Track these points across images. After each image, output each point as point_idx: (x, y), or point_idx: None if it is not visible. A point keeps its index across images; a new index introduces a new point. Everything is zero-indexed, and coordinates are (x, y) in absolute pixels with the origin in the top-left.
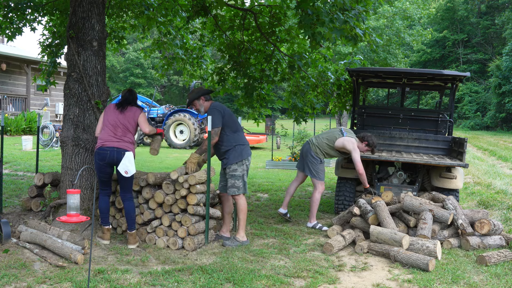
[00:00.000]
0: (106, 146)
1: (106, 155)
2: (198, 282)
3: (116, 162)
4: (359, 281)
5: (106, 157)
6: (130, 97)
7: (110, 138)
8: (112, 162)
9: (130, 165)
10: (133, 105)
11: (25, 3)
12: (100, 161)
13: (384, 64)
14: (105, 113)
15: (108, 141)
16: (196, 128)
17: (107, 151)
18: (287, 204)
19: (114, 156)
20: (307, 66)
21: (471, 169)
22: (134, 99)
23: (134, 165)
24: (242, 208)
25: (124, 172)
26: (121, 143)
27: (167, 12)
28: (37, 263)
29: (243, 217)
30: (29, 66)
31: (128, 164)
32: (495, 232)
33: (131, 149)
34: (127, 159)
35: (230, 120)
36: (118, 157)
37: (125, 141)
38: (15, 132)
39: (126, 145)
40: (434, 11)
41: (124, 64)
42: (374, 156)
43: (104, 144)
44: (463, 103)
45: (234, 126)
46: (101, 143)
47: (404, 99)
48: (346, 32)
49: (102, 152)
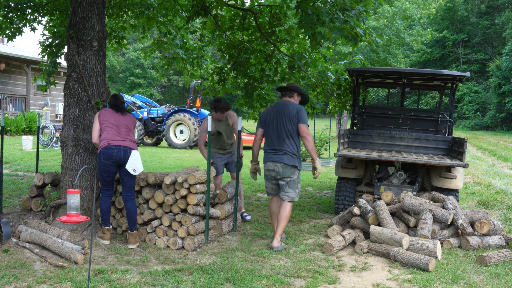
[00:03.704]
0: (113, 145)
1: (113, 154)
2: (198, 282)
3: (123, 161)
4: (359, 281)
5: (113, 156)
6: (119, 101)
7: (115, 137)
8: (119, 161)
9: (137, 163)
10: (128, 112)
11: (25, 3)
12: (106, 160)
13: (384, 64)
14: (102, 117)
15: (114, 140)
16: (196, 128)
17: (114, 150)
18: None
19: (121, 155)
20: (307, 66)
21: (471, 169)
22: (122, 103)
23: (141, 163)
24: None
25: (133, 171)
26: (126, 142)
27: (167, 12)
28: (37, 263)
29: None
30: (29, 66)
31: (135, 162)
32: (495, 232)
33: (136, 148)
34: (134, 157)
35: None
36: (125, 156)
37: (130, 140)
38: (15, 132)
39: (131, 144)
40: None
41: (124, 64)
42: (374, 156)
43: (110, 143)
44: (463, 103)
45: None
46: (107, 142)
47: (404, 99)
48: (346, 32)
49: (108, 152)
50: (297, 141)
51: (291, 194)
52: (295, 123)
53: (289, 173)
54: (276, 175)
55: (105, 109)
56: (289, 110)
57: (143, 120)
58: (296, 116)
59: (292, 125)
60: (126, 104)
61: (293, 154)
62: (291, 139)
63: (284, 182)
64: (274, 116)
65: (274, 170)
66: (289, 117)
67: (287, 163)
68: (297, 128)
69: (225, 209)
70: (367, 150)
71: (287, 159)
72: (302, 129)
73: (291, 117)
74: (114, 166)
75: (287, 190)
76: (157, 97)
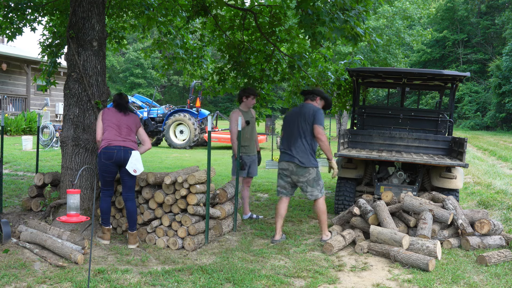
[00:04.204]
0: (113, 145)
1: (113, 154)
2: (198, 282)
3: (123, 161)
4: (359, 281)
5: (113, 156)
6: (123, 100)
7: (115, 138)
8: (120, 161)
9: (138, 164)
10: (132, 111)
11: (25, 3)
12: (107, 160)
13: (384, 64)
14: (105, 115)
15: (114, 141)
16: (196, 128)
17: (114, 150)
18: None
19: (121, 155)
20: (307, 66)
21: (471, 169)
22: (126, 102)
23: (142, 164)
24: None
25: (133, 171)
26: (127, 142)
27: (167, 12)
28: (37, 263)
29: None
30: (29, 66)
31: (136, 163)
32: (495, 232)
33: (137, 148)
34: (134, 158)
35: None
36: (125, 156)
37: (131, 141)
38: (15, 132)
39: (132, 144)
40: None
41: (124, 64)
42: (374, 156)
43: (110, 144)
44: (463, 103)
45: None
46: (107, 142)
47: (404, 99)
48: (346, 32)
49: (109, 152)
50: (311, 140)
51: (314, 192)
52: (310, 123)
53: (303, 173)
54: (290, 175)
55: (108, 108)
56: (306, 110)
57: (143, 120)
58: (312, 116)
59: (307, 125)
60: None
61: (305, 153)
62: (303, 138)
63: (302, 183)
64: (292, 117)
65: (288, 169)
66: (305, 118)
67: (299, 163)
68: (311, 129)
69: (225, 209)
70: (367, 150)
71: (299, 159)
72: (317, 129)
73: (307, 117)
74: (115, 166)
75: (309, 189)
76: (157, 97)
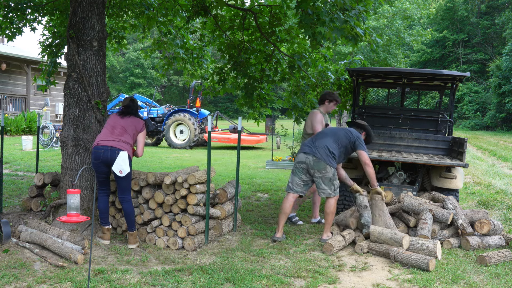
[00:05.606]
0: (101, 145)
1: (100, 154)
2: (198, 282)
3: (110, 161)
4: (359, 281)
5: (100, 156)
6: (133, 105)
7: (106, 137)
8: (106, 161)
9: (124, 165)
10: (136, 116)
11: (25, 3)
12: (95, 160)
13: (384, 64)
14: (108, 119)
15: (104, 140)
16: (196, 128)
17: (101, 150)
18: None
19: (108, 155)
20: (307, 66)
21: (471, 169)
22: (136, 108)
23: (128, 165)
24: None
25: (119, 172)
26: (116, 142)
27: (167, 12)
28: (37, 263)
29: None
30: (29, 66)
31: (122, 164)
32: (495, 232)
33: (127, 149)
34: (121, 159)
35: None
36: (112, 156)
37: (121, 141)
38: (15, 132)
39: (121, 144)
40: (434, 11)
41: (124, 64)
42: (374, 156)
43: (99, 143)
44: (463, 103)
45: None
46: (97, 142)
47: (404, 99)
48: (346, 32)
49: (96, 151)
50: (338, 151)
51: (326, 191)
52: (351, 141)
53: (321, 167)
54: (307, 168)
55: (113, 114)
56: (352, 131)
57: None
58: (355, 138)
59: (345, 139)
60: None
61: (326, 154)
62: (334, 143)
63: (317, 178)
64: (336, 128)
65: (305, 163)
66: (349, 134)
67: (319, 157)
68: (346, 144)
69: (225, 209)
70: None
71: (320, 154)
72: (364, 155)
73: (350, 135)
74: (104, 166)
75: (322, 186)
76: (157, 97)
